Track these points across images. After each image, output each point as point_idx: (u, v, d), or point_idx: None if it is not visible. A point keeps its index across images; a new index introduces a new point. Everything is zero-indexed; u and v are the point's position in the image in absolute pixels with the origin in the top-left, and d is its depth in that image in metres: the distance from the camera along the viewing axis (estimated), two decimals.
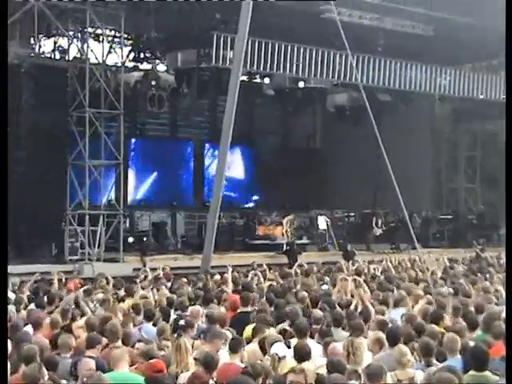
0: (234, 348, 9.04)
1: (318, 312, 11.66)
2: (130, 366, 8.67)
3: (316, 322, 11.03)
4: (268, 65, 27.71)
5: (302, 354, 8.62)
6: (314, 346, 9.44)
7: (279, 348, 9.10)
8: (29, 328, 10.66)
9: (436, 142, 37.58)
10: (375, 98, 30.15)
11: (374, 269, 19.87)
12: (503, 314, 11.49)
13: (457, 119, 37.14)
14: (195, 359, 8.64)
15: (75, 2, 24.20)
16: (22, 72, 24.02)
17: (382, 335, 9.53)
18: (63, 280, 17.32)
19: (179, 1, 25.08)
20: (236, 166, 35.93)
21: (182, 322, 10.92)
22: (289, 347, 9.36)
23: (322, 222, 31.77)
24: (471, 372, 8.08)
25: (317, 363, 8.72)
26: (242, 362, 8.92)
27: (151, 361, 8.42)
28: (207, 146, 34.68)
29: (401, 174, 24.97)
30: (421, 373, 8.57)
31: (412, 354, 8.89)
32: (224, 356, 8.97)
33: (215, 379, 8.03)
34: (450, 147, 38.12)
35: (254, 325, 10.64)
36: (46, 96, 24.03)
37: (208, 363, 8.21)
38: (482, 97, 32.84)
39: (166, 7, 25.39)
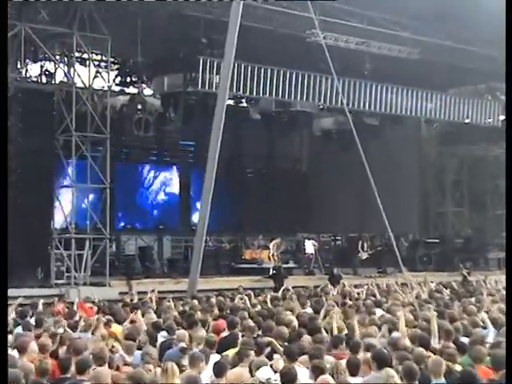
0: (219, 372, 9.00)
1: (306, 336, 11.64)
2: None
3: (303, 346, 10.98)
4: (254, 89, 27.82)
5: (288, 379, 8.58)
6: (300, 370, 9.40)
7: (265, 372, 9.07)
8: (15, 352, 10.59)
9: (422, 166, 37.74)
10: (362, 122, 30.30)
11: (359, 293, 19.86)
12: (488, 339, 11.52)
13: (443, 143, 37.33)
14: None
15: (62, 27, 24.25)
16: (9, 96, 23.98)
17: (359, 359, 9.55)
18: (54, 303, 17.26)
19: (165, 26, 25.18)
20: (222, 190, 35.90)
21: (182, 345, 10.89)
22: (275, 372, 9.32)
23: (310, 246, 31.77)
24: None
25: None
26: None
27: None
28: (193, 170, 34.66)
29: (387, 197, 25.11)
30: None
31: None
32: (206, 378, 8.95)
33: None
34: (437, 171, 38.26)
35: (237, 348, 10.60)
36: (32, 120, 24.02)
37: None
38: (467, 121, 33.05)
39: (153, 32, 25.48)
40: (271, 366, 9.56)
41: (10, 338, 12.23)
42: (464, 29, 28.12)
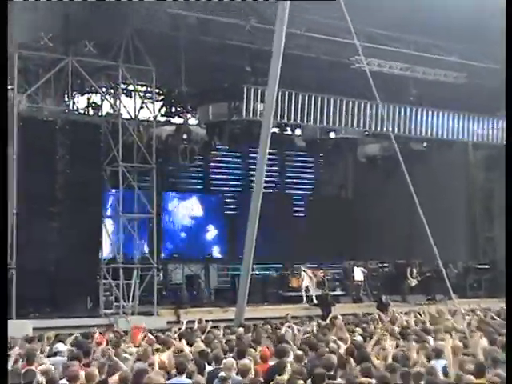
0: None
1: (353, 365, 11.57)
2: None
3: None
4: (299, 116, 27.86)
5: None
6: None
7: None
8: (64, 381, 10.67)
9: (470, 191, 37.33)
10: (408, 147, 30.14)
11: (407, 320, 19.62)
12: None
13: (491, 167, 36.92)
14: None
15: (107, 59, 24.57)
16: (57, 128, 24.33)
17: None
18: (97, 334, 17.32)
19: (209, 55, 25.37)
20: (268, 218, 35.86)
21: (222, 374, 10.86)
22: None
23: (359, 273, 31.55)
24: None
25: None
26: None
27: None
28: (239, 198, 34.70)
29: (435, 223, 24.80)
30: None
31: None
32: None
33: None
34: (485, 196, 37.82)
35: (287, 376, 10.54)
36: (79, 151, 24.31)
37: None
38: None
39: (196, 62, 25.68)
40: None
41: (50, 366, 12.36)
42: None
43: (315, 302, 28.88)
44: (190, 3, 23.72)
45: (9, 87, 22.84)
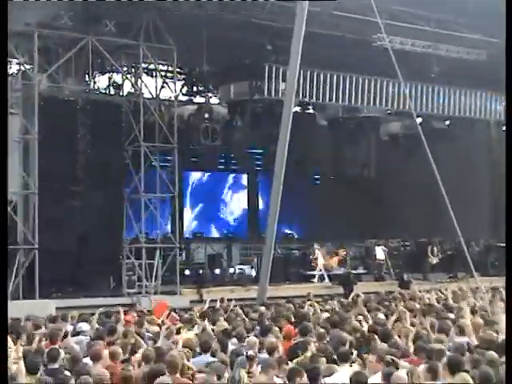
0: (293, 377, 8.96)
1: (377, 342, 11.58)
2: None
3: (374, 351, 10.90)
4: (320, 95, 27.75)
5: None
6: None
7: (336, 379, 8.99)
8: (87, 360, 10.74)
9: (493, 169, 37.07)
10: (430, 126, 30.03)
11: (429, 298, 19.58)
12: None
13: None
14: None
15: (128, 38, 24.54)
16: (78, 108, 24.38)
17: (438, 365, 9.38)
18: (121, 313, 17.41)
19: (230, 34, 25.28)
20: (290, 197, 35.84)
21: (250, 353, 10.89)
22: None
23: (380, 252, 31.51)
24: None
25: None
26: None
27: None
28: (261, 177, 34.66)
29: (457, 201, 24.75)
30: None
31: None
32: None
33: None
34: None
35: (309, 353, 10.57)
36: (101, 131, 24.37)
37: None
38: None
39: (218, 41, 25.61)
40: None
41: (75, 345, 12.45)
42: None
43: (327, 280, 28.88)
44: None
45: (28, 66, 22.92)
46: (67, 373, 9.99)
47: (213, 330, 14.05)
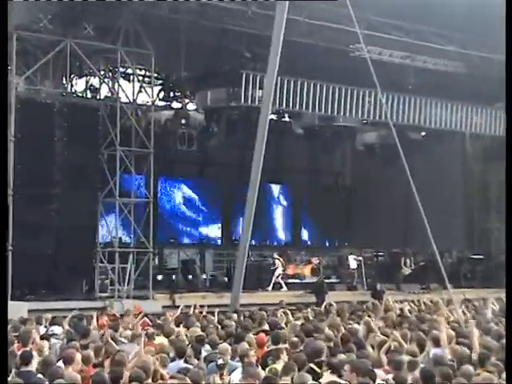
0: None
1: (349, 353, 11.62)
2: None
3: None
4: (297, 103, 27.80)
5: None
6: None
7: None
8: (60, 363, 10.69)
9: (467, 181, 37.35)
10: (406, 136, 30.08)
11: (402, 309, 19.66)
12: None
13: (488, 158, 36.92)
14: None
15: (106, 42, 24.49)
16: (55, 111, 24.28)
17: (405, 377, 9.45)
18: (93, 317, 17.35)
19: (208, 41, 25.31)
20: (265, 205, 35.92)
21: (220, 361, 10.87)
22: None
23: (353, 262, 31.61)
24: None
25: None
26: None
27: None
28: (236, 184, 34.68)
29: (431, 212, 24.84)
30: None
31: None
32: None
33: None
34: (482, 186, 37.83)
35: (283, 363, 10.55)
36: (78, 134, 24.25)
37: None
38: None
39: (196, 47, 25.62)
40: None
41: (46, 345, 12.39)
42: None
43: (284, 288, 28.89)
44: None
45: None
46: (40, 375, 9.95)
47: (186, 336, 14.04)
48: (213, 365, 11.09)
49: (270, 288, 28.92)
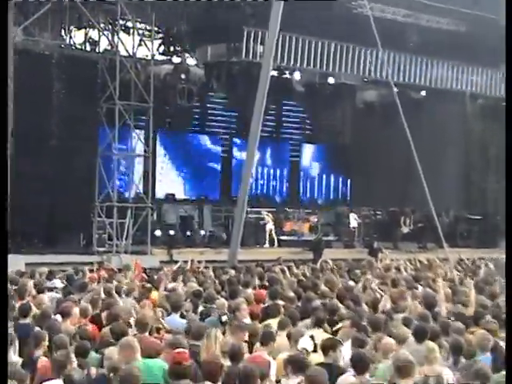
0: (266, 341, 8.99)
1: (346, 309, 11.68)
2: (157, 356, 8.69)
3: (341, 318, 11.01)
4: (298, 60, 27.62)
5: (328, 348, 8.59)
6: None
7: (306, 343, 9.04)
8: (58, 316, 10.74)
9: (467, 141, 37.24)
10: (406, 95, 30.00)
11: (397, 267, 19.67)
12: None
13: (487, 118, 36.79)
14: (223, 352, 8.65)
15: None
16: (53, 63, 24.10)
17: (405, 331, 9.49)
18: (91, 271, 17.39)
19: None
20: (265, 162, 35.89)
21: (224, 318, 10.91)
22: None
23: (353, 220, 31.63)
24: (503, 372, 8.00)
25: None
26: (269, 354, 8.91)
27: (176, 350, 8.40)
28: (236, 140, 34.62)
29: (430, 172, 24.87)
30: (448, 370, 8.48)
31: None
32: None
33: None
34: (481, 146, 37.76)
35: (279, 318, 10.61)
36: (76, 87, 24.13)
37: (234, 355, 8.20)
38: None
39: (197, 1, 25.38)
40: (312, 337, 9.52)
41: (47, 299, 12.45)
42: None
43: (275, 245, 28.91)
44: None
45: None
46: (38, 328, 9.99)
47: (183, 291, 14.07)
48: (210, 319, 11.12)
49: (267, 245, 28.98)
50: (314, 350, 8.84)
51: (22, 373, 7.64)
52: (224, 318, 10.83)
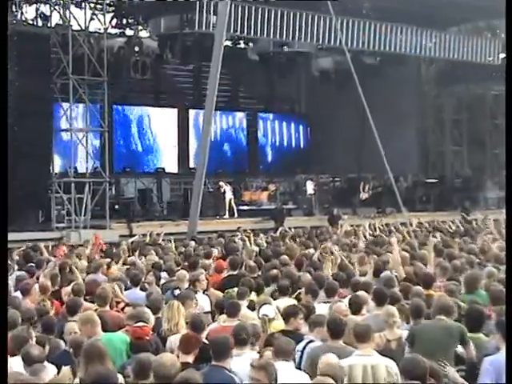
0: (233, 312, 9.05)
1: (305, 275, 11.78)
2: (119, 329, 8.73)
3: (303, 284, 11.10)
4: (252, 29, 27.53)
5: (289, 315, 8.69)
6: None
7: (267, 310, 9.12)
8: (18, 294, 10.70)
9: (422, 105, 37.50)
10: (361, 62, 30.05)
11: (356, 232, 19.84)
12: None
13: (442, 82, 37.05)
14: (186, 323, 8.72)
15: None
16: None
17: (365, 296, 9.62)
18: (50, 247, 17.33)
19: None
20: (222, 132, 35.87)
21: (177, 291, 10.98)
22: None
23: (310, 187, 31.79)
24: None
25: None
26: None
27: (136, 324, 8.46)
28: (191, 112, 34.52)
29: (387, 137, 25.06)
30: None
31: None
32: None
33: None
34: (436, 110, 38.05)
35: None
36: (29, 63, 23.82)
37: (197, 325, 8.26)
38: (468, 59, 32.62)
39: None
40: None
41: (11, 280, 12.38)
42: None
43: (235, 215, 28.99)
44: None
45: None
46: None
47: (142, 264, 14.10)
48: (167, 294, 11.20)
49: (226, 215, 29.02)
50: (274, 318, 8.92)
51: None
52: (177, 292, 10.92)
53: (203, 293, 11.13)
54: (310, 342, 8.06)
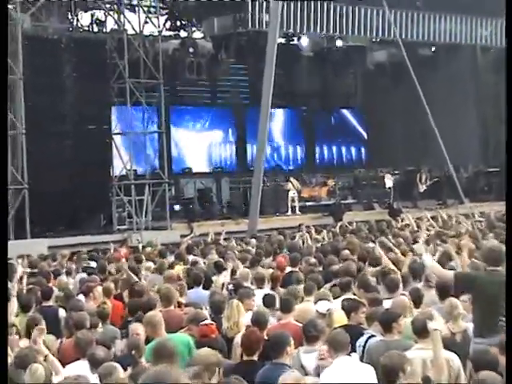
0: (287, 308, 9.05)
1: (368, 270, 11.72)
2: (180, 330, 8.76)
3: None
4: (305, 25, 27.50)
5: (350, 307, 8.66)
6: None
7: (324, 305, 9.05)
8: (81, 296, 10.85)
9: (480, 94, 36.99)
10: (416, 53, 29.85)
11: (419, 225, 19.62)
12: None
13: (499, 70, 36.46)
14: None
15: None
16: (62, 47, 24.14)
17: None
18: (112, 250, 17.56)
19: None
20: (278, 130, 35.88)
21: (230, 287, 11.03)
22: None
23: (389, 180, 31.42)
24: None
25: None
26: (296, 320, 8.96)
27: (202, 323, 8.47)
28: (248, 111, 34.59)
29: (445, 128, 24.86)
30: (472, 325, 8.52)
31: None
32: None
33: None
34: (494, 98, 37.48)
35: (304, 284, 10.67)
36: (86, 69, 24.15)
37: (259, 322, 8.27)
38: None
39: None
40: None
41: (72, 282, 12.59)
42: None
43: (298, 212, 28.84)
44: None
45: (11, 6, 22.57)
46: (61, 309, 10.11)
47: (204, 263, 14.18)
48: (233, 290, 11.23)
49: (289, 212, 28.92)
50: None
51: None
52: (230, 287, 10.95)
53: (272, 290, 11.07)
54: (371, 336, 8.02)
